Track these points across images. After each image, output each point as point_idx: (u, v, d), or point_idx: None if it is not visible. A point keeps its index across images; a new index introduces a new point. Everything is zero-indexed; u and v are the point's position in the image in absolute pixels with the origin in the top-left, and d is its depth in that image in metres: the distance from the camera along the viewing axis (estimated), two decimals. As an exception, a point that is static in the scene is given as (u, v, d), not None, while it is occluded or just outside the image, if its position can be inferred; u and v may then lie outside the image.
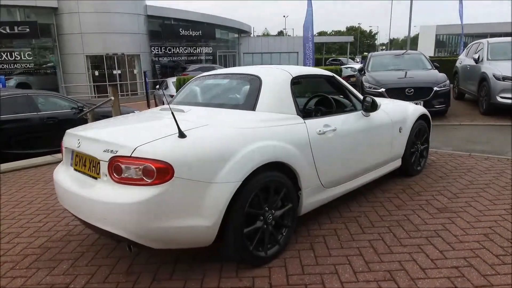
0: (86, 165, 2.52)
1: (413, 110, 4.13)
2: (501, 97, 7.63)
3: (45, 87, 17.49)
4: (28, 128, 7.32)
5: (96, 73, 20.87)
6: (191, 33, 25.17)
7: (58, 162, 5.94)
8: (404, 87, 7.89)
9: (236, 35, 31.89)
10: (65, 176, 2.69)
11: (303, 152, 2.74)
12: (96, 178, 2.41)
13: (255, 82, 2.94)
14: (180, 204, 2.18)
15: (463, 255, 2.57)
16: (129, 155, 2.17)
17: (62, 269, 2.66)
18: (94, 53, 20.41)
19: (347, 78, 15.58)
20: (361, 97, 3.53)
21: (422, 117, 4.27)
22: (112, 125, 2.93)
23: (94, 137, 2.46)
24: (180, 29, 24.54)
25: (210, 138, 2.35)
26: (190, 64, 23.60)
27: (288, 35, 57.12)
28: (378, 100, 3.47)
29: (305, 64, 21.38)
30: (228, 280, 2.41)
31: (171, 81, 12.96)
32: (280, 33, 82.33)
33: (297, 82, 3.14)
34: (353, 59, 37.54)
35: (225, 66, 27.69)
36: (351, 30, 76.55)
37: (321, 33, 68.97)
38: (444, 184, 3.96)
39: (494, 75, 7.81)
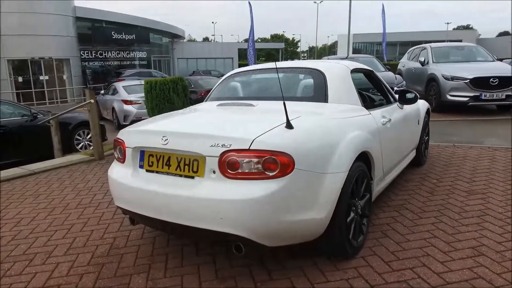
0: (171, 164, 2.29)
1: (422, 104, 4.45)
2: (451, 95, 8.52)
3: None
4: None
5: (20, 79, 18.81)
6: (123, 36, 23.99)
7: (30, 174, 5.25)
8: (369, 87, 8.41)
9: (170, 40, 31.10)
10: (136, 179, 2.42)
11: (376, 143, 2.80)
12: (192, 177, 2.20)
13: (318, 76, 2.94)
14: (299, 197, 2.10)
15: (521, 228, 2.84)
16: (247, 148, 2.03)
17: (139, 283, 2.38)
18: (16, 57, 18.41)
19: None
20: (391, 90, 3.72)
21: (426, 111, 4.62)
22: (193, 120, 2.73)
23: (193, 132, 2.25)
24: (112, 32, 23.25)
25: (316, 128, 2.31)
26: (125, 69, 22.45)
27: (216, 41, 57.22)
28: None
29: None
30: (332, 273, 2.37)
31: (121, 85, 12.22)
32: (206, 39, 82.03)
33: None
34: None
35: (161, 71, 26.83)
36: (275, 37, 79.24)
37: (247, 40, 70.22)
38: (454, 171, 4.32)
39: (443, 76, 8.71)
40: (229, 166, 2.06)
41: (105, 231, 3.22)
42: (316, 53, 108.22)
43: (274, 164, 2.02)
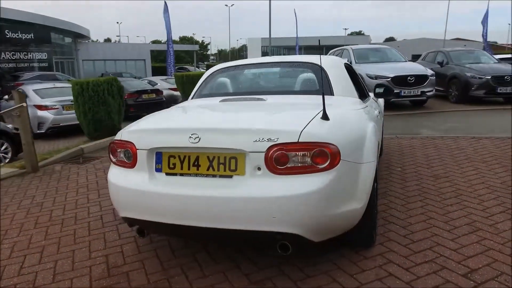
0: (201, 164, 2.09)
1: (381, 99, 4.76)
2: (376, 94, 9.28)
3: None
4: None
5: None
6: (20, 35, 21.32)
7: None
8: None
9: (72, 40, 28.44)
10: (156, 185, 2.15)
11: (378, 133, 2.92)
12: (230, 177, 2.03)
13: (318, 69, 2.96)
14: (345, 188, 2.08)
15: (497, 200, 3.21)
16: (296, 141, 1.95)
17: (168, 301, 2.12)
18: None
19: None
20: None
21: (381, 105, 4.96)
22: (215, 116, 2.55)
23: (233, 127, 2.08)
24: (6, 30, 20.45)
25: (346, 119, 2.31)
26: (22, 72, 19.94)
27: (127, 42, 54.11)
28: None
29: (168, 73, 21.00)
30: (363, 262, 2.39)
31: (31, 89, 10.82)
32: (107, 40, 77.09)
33: None
34: (198, 67, 38.34)
35: (64, 73, 24.46)
36: (184, 40, 77.99)
37: (155, 42, 67.89)
38: (410, 159, 4.71)
39: (367, 75, 9.46)
40: (277, 161, 1.95)
41: (90, 249, 2.81)
42: (226, 56, 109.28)
43: (324, 156, 1.97)
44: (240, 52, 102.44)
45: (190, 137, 2.06)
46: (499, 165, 4.25)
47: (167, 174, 2.18)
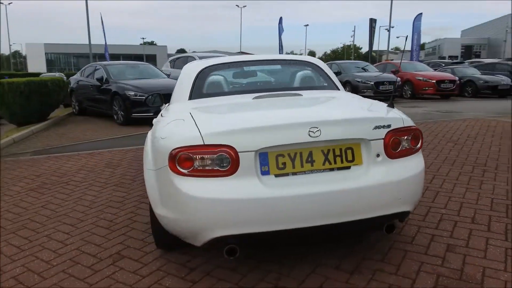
0: (315, 160, 2.00)
1: None
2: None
3: None
4: None
5: None
6: None
7: None
8: (163, 93, 8.18)
9: None
10: (270, 189, 1.92)
11: None
12: (348, 168, 2.03)
13: (315, 67, 3.13)
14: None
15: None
16: (402, 126, 2.15)
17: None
18: None
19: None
20: None
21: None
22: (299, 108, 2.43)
23: (355, 116, 2.09)
24: None
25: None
26: None
27: None
28: None
29: None
30: (402, 233, 2.74)
31: None
32: None
33: None
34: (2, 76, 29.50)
35: None
36: None
37: None
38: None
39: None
40: (393, 147, 2.10)
41: (82, 277, 2.12)
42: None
43: (417, 138, 2.23)
44: (13, 59, 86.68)
45: (310, 131, 1.93)
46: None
47: (276, 175, 1.95)
